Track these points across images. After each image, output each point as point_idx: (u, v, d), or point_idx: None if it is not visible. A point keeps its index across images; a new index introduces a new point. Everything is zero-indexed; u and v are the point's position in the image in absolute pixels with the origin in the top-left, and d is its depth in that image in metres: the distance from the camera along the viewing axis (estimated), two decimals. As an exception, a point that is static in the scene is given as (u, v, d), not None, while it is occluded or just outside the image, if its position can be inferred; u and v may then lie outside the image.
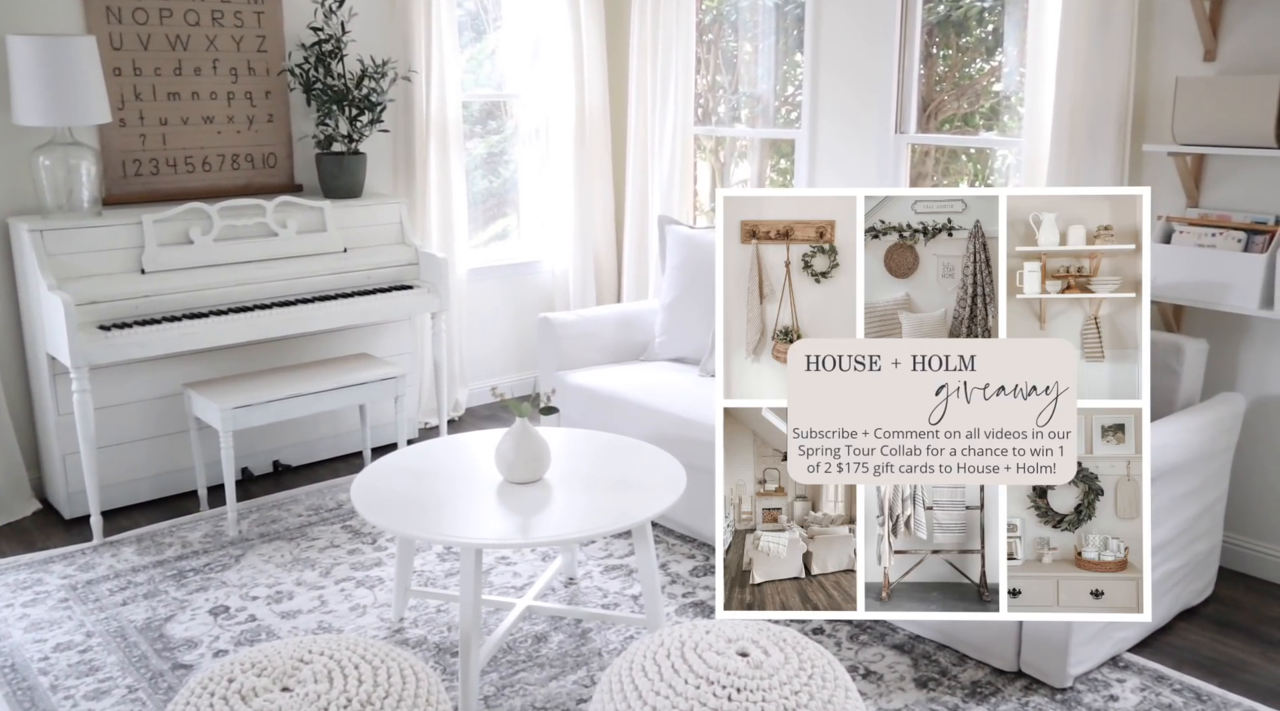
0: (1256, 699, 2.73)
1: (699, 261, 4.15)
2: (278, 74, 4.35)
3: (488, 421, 5.05)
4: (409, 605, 3.25)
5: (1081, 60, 3.53)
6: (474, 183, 5.42)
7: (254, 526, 3.83)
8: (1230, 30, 3.31)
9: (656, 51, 5.09)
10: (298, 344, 4.38)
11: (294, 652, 2.14)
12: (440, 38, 4.69)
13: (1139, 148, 3.54)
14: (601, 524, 2.61)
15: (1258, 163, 3.30)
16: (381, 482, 2.88)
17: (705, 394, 3.73)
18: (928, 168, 4.73)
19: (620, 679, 2.10)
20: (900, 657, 2.91)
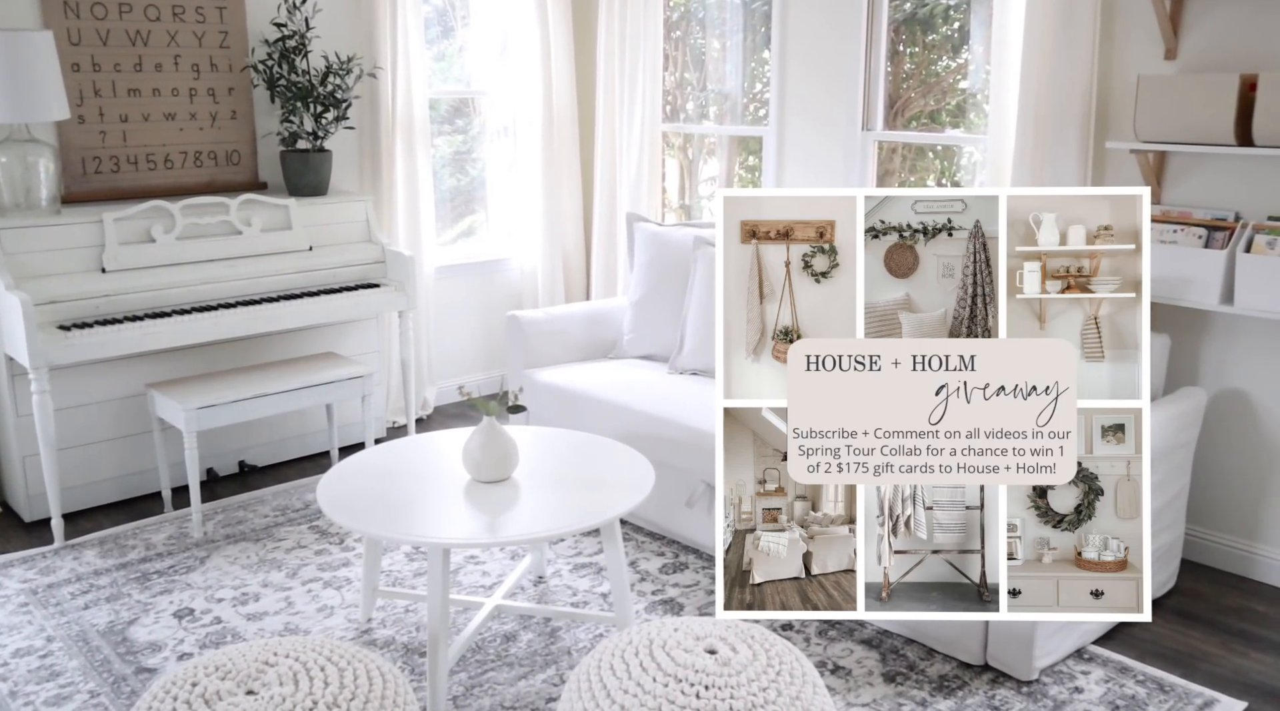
0: (1218, 689, 2.77)
1: (667, 259, 4.15)
2: (241, 70, 4.30)
3: (456, 420, 5.03)
4: (377, 605, 3.23)
5: (1045, 58, 3.56)
6: (442, 180, 5.39)
7: (219, 527, 3.79)
8: (1191, 29, 3.35)
9: (624, 48, 5.08)
10: (263, 343, 4.33)
11: (259, 655, 2.12)
12: (406, 34, 4.66)
13: (1102, 145, 3.57)
14: (569, 522, 2.61)
15: (1218, 160, 3.34)
16: (348, 482, 2.86)
17: (673, 391, 3.73)
18: (894, 165, 4.76)
19: (588, 677, 2.10)
20: (869, 653, 2.93)
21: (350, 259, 4.32)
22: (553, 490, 2.81)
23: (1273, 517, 3.37)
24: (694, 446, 3.42)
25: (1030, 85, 3.60)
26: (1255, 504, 3.39)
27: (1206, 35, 3.32)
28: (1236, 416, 3.40)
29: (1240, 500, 3.43)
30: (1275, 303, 3.09)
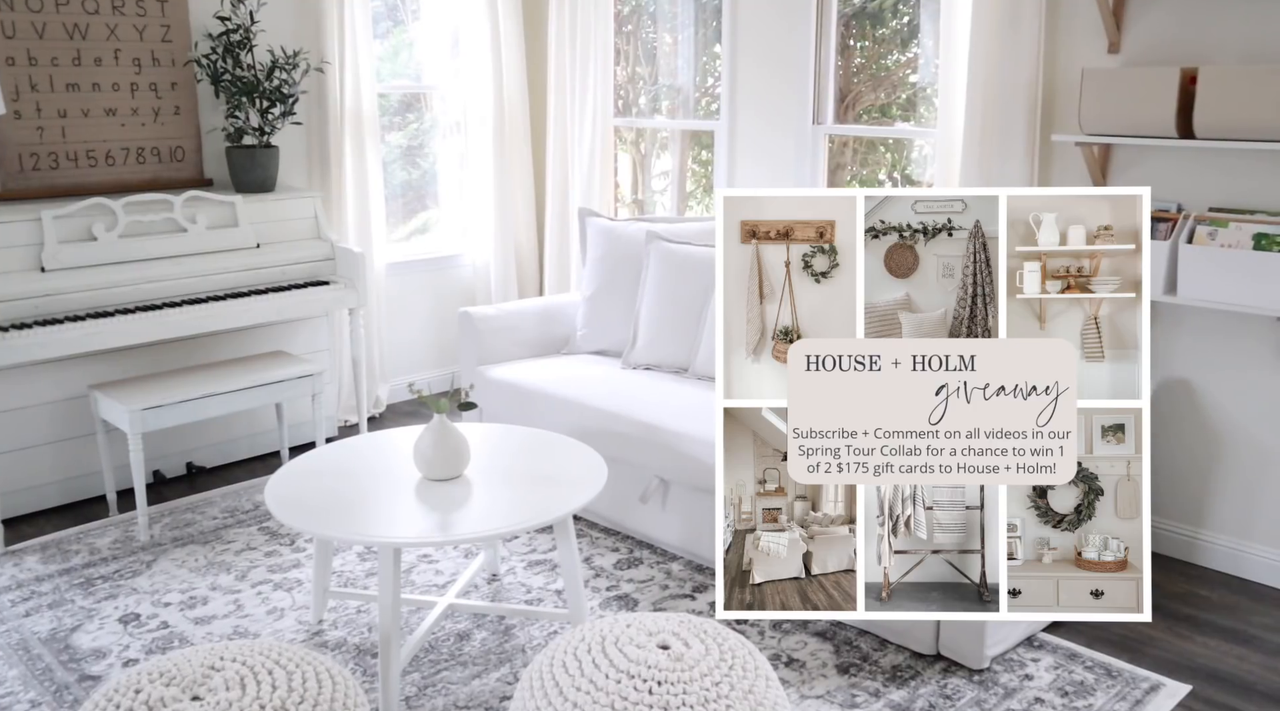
0: (1164, 673, 2.81)
1: (620, 254, 4.14)
2: (184, 65, 4.22)
3: (410, 418, 4.98)
4: (328, 606, 3.18)
5: (992, 52, 3.59)
6: (393, 176, 5.33)
7: (166, 530, 3.72)
8: (1133, 23, 3.40)
9: (575, 43, 5.05)
10: (210, 342, 4.26)
11: (205, 660, 2.08)
12: (354, 28, 4.60)
13: (1048, 138, 3.61)
14: (522, 519, 2.59)
15: (1160, 152, 3.39)
16: (297, 483, 2.81)
17: (626, 386, 3.72)
18: (846, 158, 4.78)
19: (541, 675, 2.08)
20: (823, 645, 2.94)
21: (299, 256, 4.26)
22: (505, 487, 2.79)
23: (1217, 504, 3.43)
24: (647, 441, 3.41)
25: (977, 79, 3.63)
26: (1200, 491, 3.45)
27: (1148, 29, 3.36)
28: (1181, 404, 3.46)
29: (1185, 487, 3.49)
30: (1217, 292, 3.14)
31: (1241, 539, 3.39)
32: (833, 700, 2.69)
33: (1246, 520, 3.38)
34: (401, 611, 3.13)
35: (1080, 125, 3.36)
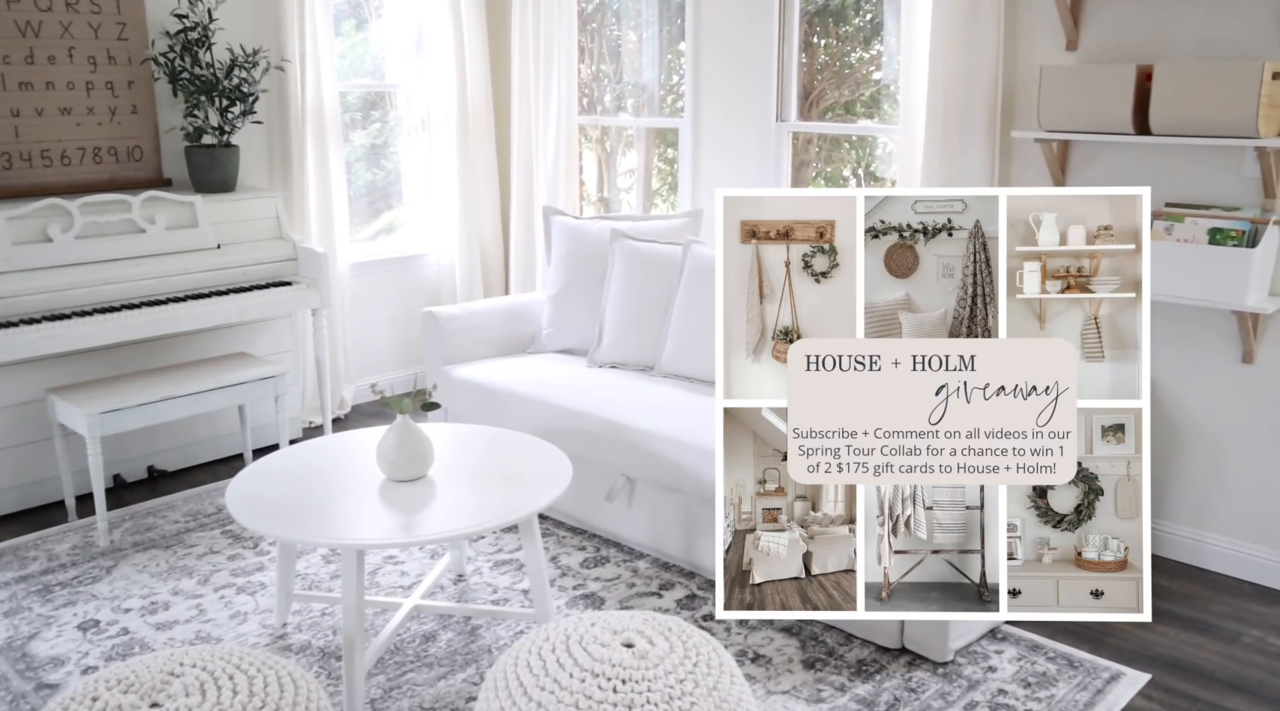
0: (1124, 662, 2.85)
1: (584, 252, 4.13)
2: (141, 63, 4.16)
3: (375, 419, 4.95)
4: (293, 609, 3.16)
5: (952, 50, 3.62)
6: (357, 175, 5.29)
7: (127, 535, 3.67)
8: (1090, 21, 3.43)
9: (539, 41, 5.04)
10: (171, 344, 4.21)
11: (164, 666, 2.06)
12: (314, 26, 4.55)
13: (1009, 134, 3.64)
14: (486, 519, 2.58)
15: (1117, 148, 3.43)
16: (258, 485, 2.79)
17: (592, 385, 3.71)
18: (810, 155, 4.80)
19: (505, 675, 2.08)
20: (789, 640, 2.95)
21: (261, 256, 4.22)
22: (469, 487, 2.78)
23: (1174, 495, 3.48)
24: (613, 439, 3.41)
25: (938, 76, 3.66)
26: (1157, 482, 3.50)
27: (1105, 27, 3.40)
28: (1140, 398, 3.50)
29: (1144, 479, 3.53)
30: (1173, 287, 3.18)
31: (1199, 529, 3.44)
32: (799, 695, 2.70)
33: (1204, 511, 3.43)
34: (366, 613, 3.11)
35: (1039, 122, 3.40)
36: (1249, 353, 3.26)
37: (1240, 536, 3.37)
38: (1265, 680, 2.80)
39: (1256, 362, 3.27)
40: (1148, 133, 3.21)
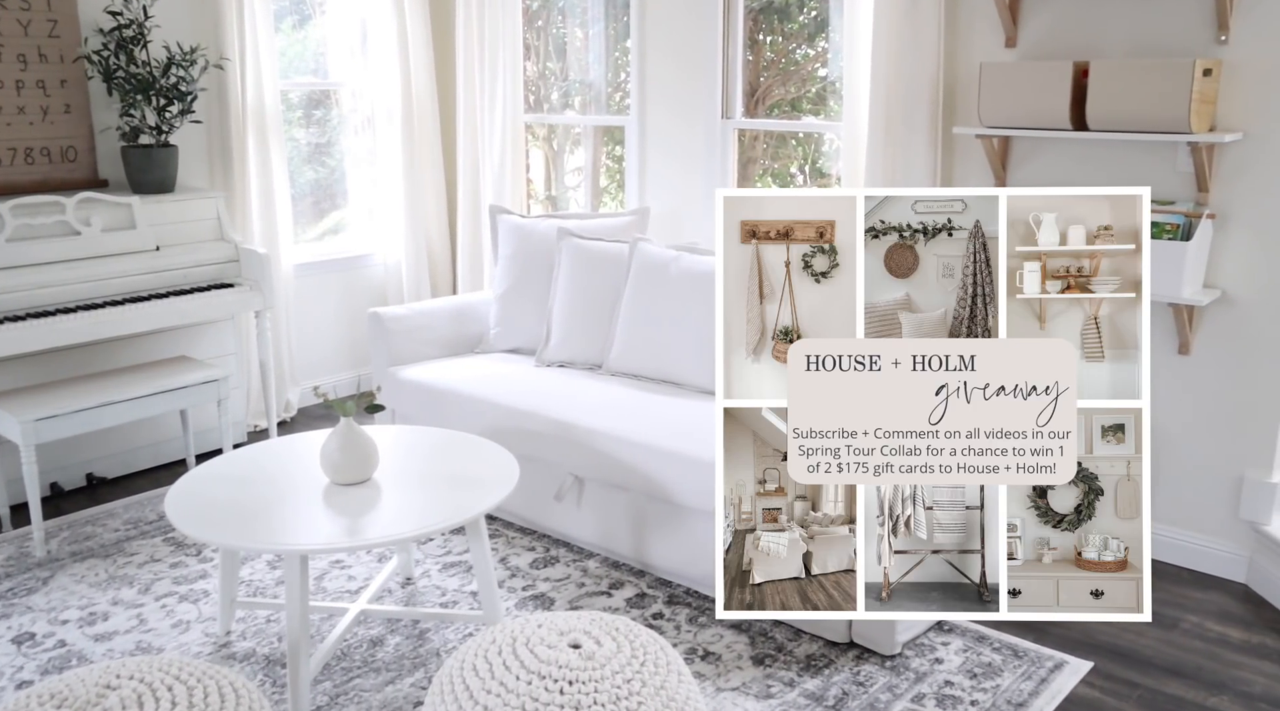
0: (1067, 651, 2.89)
1: (531, 251, 4.11)
2: (74, 61, 4.07)
3: (322, 421, 4.89)
4: (237, 617, 3.10)
5: (894, 47, 3.65)
6: (301, 175, 5.22)
7: (65, 545, 3.59)
8: (1028, 18, 3.48)
9: (484, 38, 5.00)
10: (110, 349, 4.12)
11: (100, 679, 2.01)
12: (254, 23, 4.48)
13: (950, 130, 3.68)
14: (432, 521, 2.55)
15: (1056, 143, 3.48)
16: (198, 491, 2.74)
17: (540, 384, 3.70)
18: (757, 152, 4.82)
19: (451, 679, 2.06)
20: (738, 637, 2.96)
21: (201, 258, 4.14)
22: (415, 489, 2.75)
23: (1116, 485, 3.54)
24: (562, 439, 3.40)
25: (881, 73, 3.68)
26: (1100, 472, 3.55)
27: (1043, 24, 3.45)
28: (1081, 389, 3.56)
29: (1086, 469, 3.59)
30: (1111, 280, 3.24)
31: (1140, 518, 3.50)
32: (748, 691, 2.70)
33: (1144, 500, 3.49)
34: (313, 619, 3.07)
35: (980, 118, 3.43)
36: (1185, 344, 3.32)
37: (1177, 524, 3.43)
38: (1203, 664, 2.86)
39: (1192, 354, 3.33)
40: (1085, 128, 3.26)
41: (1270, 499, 3.24)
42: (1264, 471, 3.26)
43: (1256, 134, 3.10)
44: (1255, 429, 3.25)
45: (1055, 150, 3.49)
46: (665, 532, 3.24)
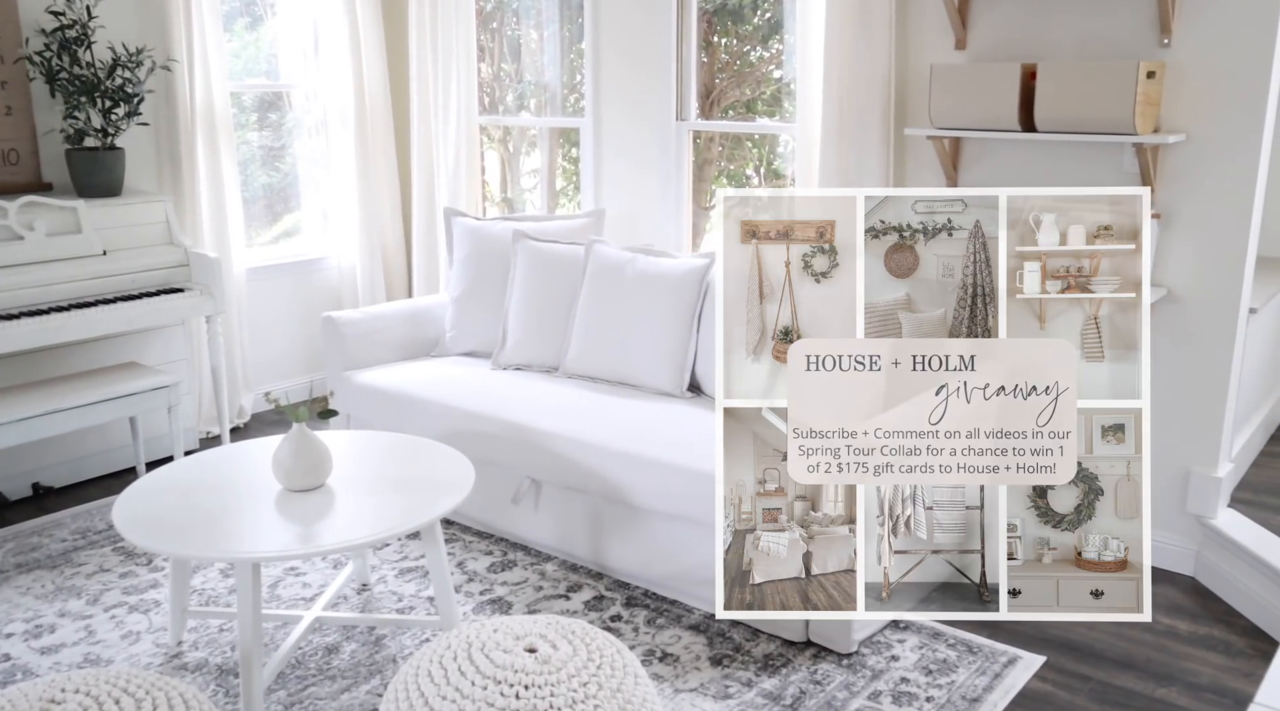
0: (1020, 646, 2.93)
1: (486, 253, 4.09)
2: (15, 62, 3.98)
3: (276, 427, 4.83)
4: (188, 627, 3.05)
5: (846, 48, 3.67)
6: (254, 178, 5.15)
7: (9, 556, 3.51)
8: (978, 20, 3.52)
9: (437, 39, 4.97)
10: (56, 355, 4.04)
11: (44, 693, 1.97)
12: (202, 24, 4.41)
13: (902, 132, 3.71)
14: (386, 527, 2.53)
15: (1005, 144, 3.52)
16: (147, 500, 2.69)
17: (496, 387, 3.68)
18: (713, 154, 4.83)
19: (406, 686, 2.04)
20: (696, 637, 2.96)
21: (150, 263, 4.07)
22: (369, 495, 2.72)
23: (1067, 481, 3.58)
24: (519, 442, 3.38)
25: (833, 74, 3.70)
26: (1051, 469, 3.60)
27: (992, 26, 3.49)
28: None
29: (1038, 466, 3.63)
30: (1060, 279, 3.28)
31: (1091, 513, 3.55)
32: (706, 692, 2.71)
33: (1095, 495, 3.54)
34: (267, 627, 3.03)
35: (931, 119, 3.47)
36: (1132, 341, 3.37)
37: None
38: (1152, 656, 2.90)
39: (1140, 351, 3.39)
40: (1034, 129, 3.30)
41: (1216, 493, 3.31)
42: (1210, 466, 3.32)
43: (1199, 135, 3.16)
44: (1201, 424, 3.31)
45: (1005, 151, 3.53)
46: (623, 535, 3.23)
